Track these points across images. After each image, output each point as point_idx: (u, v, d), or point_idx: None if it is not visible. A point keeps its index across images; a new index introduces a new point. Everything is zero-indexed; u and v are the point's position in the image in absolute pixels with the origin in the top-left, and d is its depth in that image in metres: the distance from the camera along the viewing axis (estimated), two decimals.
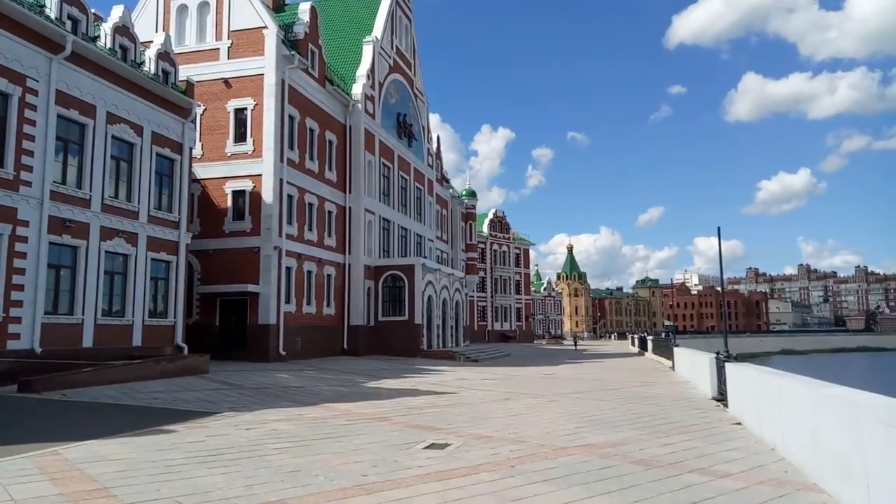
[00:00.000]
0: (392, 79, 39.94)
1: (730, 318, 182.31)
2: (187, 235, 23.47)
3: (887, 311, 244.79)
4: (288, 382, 18.74)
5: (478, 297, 76.34)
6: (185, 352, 22.49)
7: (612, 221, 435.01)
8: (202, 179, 27.72)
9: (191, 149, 24.04)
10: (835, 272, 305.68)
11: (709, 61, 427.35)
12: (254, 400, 14.35)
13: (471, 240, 64.04)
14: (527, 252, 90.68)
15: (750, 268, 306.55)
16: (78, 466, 7.21)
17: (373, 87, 36.61)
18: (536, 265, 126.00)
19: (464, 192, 62.85)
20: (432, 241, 47.39)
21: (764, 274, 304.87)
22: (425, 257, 41.65)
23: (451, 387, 18.86)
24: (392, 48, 40.37)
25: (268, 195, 27.01)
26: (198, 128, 27.74)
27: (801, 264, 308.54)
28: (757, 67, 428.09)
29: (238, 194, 27.49)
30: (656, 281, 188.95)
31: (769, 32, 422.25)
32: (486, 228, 79.75)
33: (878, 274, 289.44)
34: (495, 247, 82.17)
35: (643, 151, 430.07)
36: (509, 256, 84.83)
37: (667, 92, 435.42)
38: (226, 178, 27.59)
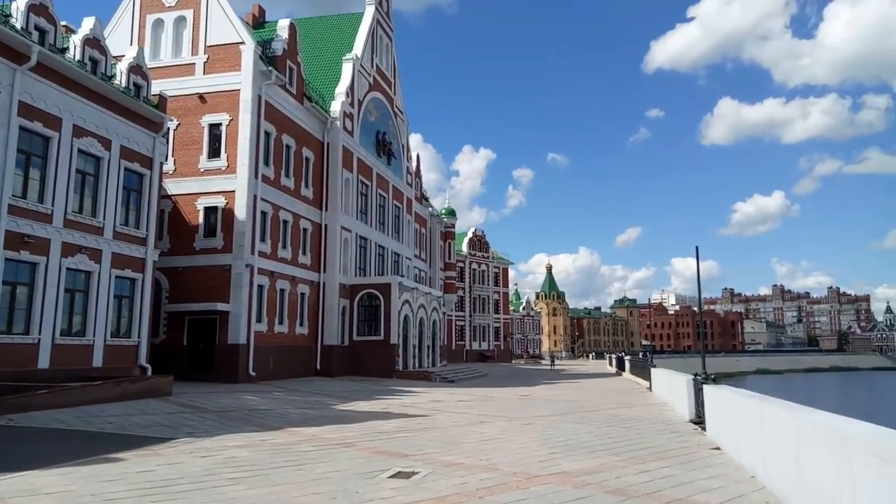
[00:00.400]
0: (372, 97, 39.72)
1: (706, 338, 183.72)
2: (155, 252, 22.78)
3: (859, 331, 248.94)
4: (254, 405, 18.09)
5: (456, 316, 75.89)
6: (149, 373, 21.71)
7: (590, 241, 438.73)
8: (173, 195, 27.07)
9: (161, 164, 23.42)
10: (808, 293, 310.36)
11: (686, 86, 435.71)
12: (215, 424, 13.73)
13: (449, 258, 63.73)
14: (506, 271, 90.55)
15: (726, 288, 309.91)
16: (7, 502, 6.63)
17: (352, 104, 36.34)
18: (516, 284, 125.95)
19: (443, 211, 62.66)
20: (410, 259, 46.95)
21: (739, 294, 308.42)
22: (402, 276, 41.19)
23: (425, 409, 18.35)
24: (372, 66, 40.21)
25: (241, 212, 26.44)
26: (170, 143, 27.28)
27: (776, 285, 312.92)
28: (732, 93, 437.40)
29: (210, 210, 26.87)
30: (634, 301, 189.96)
31: (744, 59, 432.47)
32: (465, 247, 79.56)
33: (850, 295, 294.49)
34: (474, 266, 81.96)
35: (622, 173, 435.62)
36: (488, 275, 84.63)
37: (645, 115, 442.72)
38: (198, 194, 26.97)
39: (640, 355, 62.95)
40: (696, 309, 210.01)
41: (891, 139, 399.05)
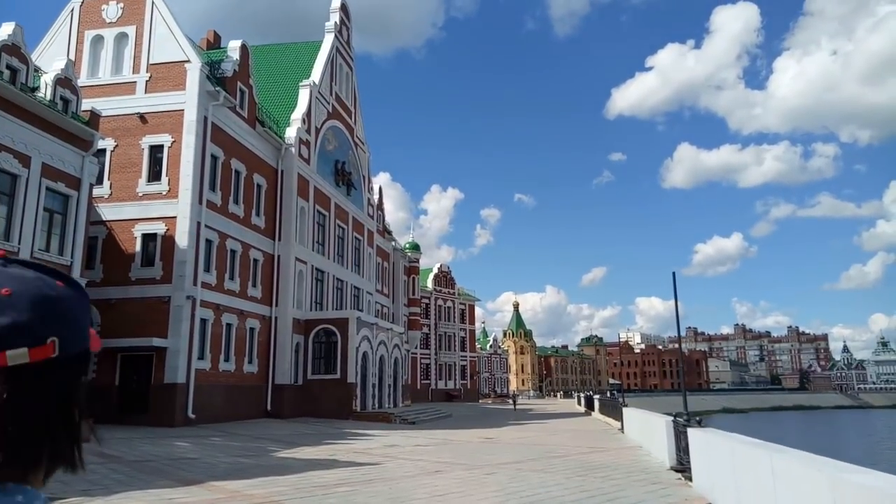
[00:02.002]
0: (330, 125, 38.33)
1: (672, 376, 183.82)
2: (81, 281, 20.57)
3: (819, 370, 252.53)
4: (182, 453, 15.92)
5: (421, 354, 73.57)
6: None
7: (557, 280, 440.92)
8: (108, 221, 24.98)
9: (91, 185, 21.45)
10: (769, 332, 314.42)
11: (646, 131, 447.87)
12: (123, 478, 11.62)
13: (414, 294, 61.92)
14: (472, 308, 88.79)
15: (689, 327, 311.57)
16: None
17: (308, 131, 34.83)
18: (483, 322, 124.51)
19: (407, 246, 61.10)
20: (371, 294, 45.04)
21: (703, 333, 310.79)
22: (362, 311, 39.23)
23: (377, 456, 16.41)
24: (331, 94, 38.93)
25: (182, 239, 24.45)
26: (107, 165, 25.39)
27: (737, 324, 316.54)
28: (690, 138, 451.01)
29: (149, 238, 24.82)
30: (601, 339, 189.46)
31: (700, 107, 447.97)
32: (430, 283, 77.72)
33: (809, 334, 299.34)
34: (440, 302, 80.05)
35: (587, 214, 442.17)
36: (454, 312, 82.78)
37: (608, 159, 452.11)
38: (135, 220, 24.92)
39: (609, 394, 61.56)
40: (661, 347, 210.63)
41: (840, 185, 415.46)
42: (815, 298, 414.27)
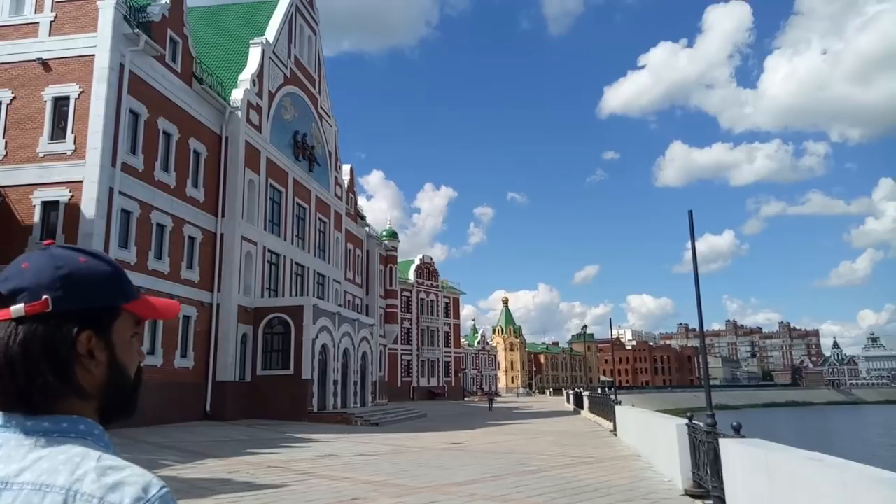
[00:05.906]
0: (288, 91, 34.28)
1: (664, 372, 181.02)
2: None
3: (811, 365, 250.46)
4: None
5: (402, 349, 69.65)
6: None
7: (549, 278, 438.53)
8: (2, 187, 20.87)
9: None
10: (760, 328, 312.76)
11: (639, 130, 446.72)
12: None
13: (391, 285, 57.95)
14: (457, 301, 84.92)
15: (680, 324, 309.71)
16: None
17: (260, 95, 30.79)
18: (473, 320, 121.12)
19: (383, 233, 57.10)
20: (339, 282, 41.03)
21: (694, 330, 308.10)
22: (324, 299, 35.25)
23: (293, 472, 12.48)
24: (289, 57, 34.89)
25: (89, 208, 20.36)
26: (2, 121, 21.29)
27: (728, 320, 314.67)
28: (682, 137, 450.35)
29: (50, 206, 20.72)
30: (592, 335, 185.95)
31: (692, 106, 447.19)
32: (412, 275, 73.84)
33: (800, 330, 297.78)
34: (422, 295, 76.13)
35: (579, 212, 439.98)
36: (438, 306, 78.89)
37: (601, 157, 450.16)
38: (35, 186, 20.80)
39: (599, 391, 57.84)
40: (652, 344, 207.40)
41: (830, 183, 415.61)
42: (805, 295, 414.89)
